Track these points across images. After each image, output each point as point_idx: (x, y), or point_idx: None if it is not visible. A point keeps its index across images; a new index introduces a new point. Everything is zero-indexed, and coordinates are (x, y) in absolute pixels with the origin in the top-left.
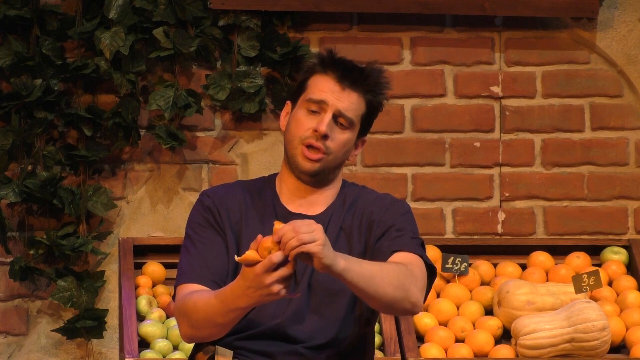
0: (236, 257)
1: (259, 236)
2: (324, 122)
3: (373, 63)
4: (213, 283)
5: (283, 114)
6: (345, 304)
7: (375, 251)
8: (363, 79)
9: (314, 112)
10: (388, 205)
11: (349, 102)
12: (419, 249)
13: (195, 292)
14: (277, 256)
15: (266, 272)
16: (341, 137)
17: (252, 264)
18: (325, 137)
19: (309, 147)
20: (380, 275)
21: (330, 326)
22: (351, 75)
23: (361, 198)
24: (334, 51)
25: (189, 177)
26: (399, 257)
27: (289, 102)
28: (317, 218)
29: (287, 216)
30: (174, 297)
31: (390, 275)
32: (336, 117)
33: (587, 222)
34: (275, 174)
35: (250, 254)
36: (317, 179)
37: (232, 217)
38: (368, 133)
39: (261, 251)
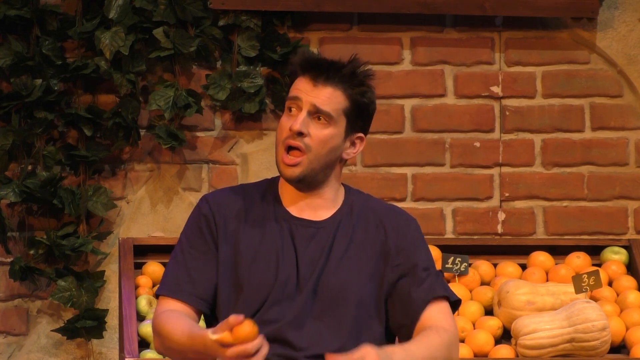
0: (211, 336)
1: (232, 317)
2: (298, 119)
3: (352, 56)
4: (197, 299)
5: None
6: (352, 314)
7: (402, 297)
8: (335, 72)
9: (291, 112)
10: (403, 228)
11: (324, 96)
12: (446, 288)
13: (172, 319)
14: (253, 347)
15: (236, 358)
16: (320, 134)
17: (225, 345)
18: (300, 134)
19: (288, 149)
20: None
21: (333, 335)
22: (324, 71)
23: (370, 210)
24: (308, 52)
25: (189, 177)
26: (433, 311)
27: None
28: (323, 224)
29: (290, 220)
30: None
31: (437, 355)
32: (312, 113)
33: (587, 222)
34: (279, 177)
35: (225, 337)
36: (305, 183)
37: (229, 224)
38: (365, 131)
39: (237, 333)
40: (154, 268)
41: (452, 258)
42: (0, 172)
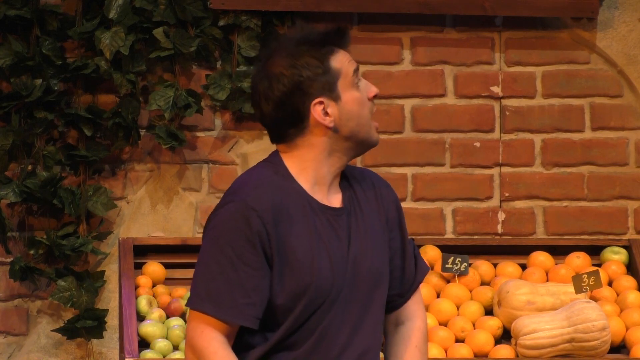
0: None
1: None
2: (372, 85)
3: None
4: (257, 320)
5: (321, 113)
6: (384, 297)
7: (396, 273)
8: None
9: (358, 84)
10: (392, 198)
11: None
12: (424, 264)
13: None
14: None
15: None
16: None
17: None
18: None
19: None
20: None
21: (371, 320)
22: (348, 41)
23: (366, 185)
24: (342, 27)
25: (189, 177)
26: (415, 300)
27: (321, 99)
28: (345, 209)
29: (323, 210)
30: (188, 305)
31: None
32: None
33: (587, 222)
34: (268, 163)
35: None
36: None
37: (280, 230)
38: None
39: None
40: (154, 268)
41: (452, 258)
42: (0, 172)
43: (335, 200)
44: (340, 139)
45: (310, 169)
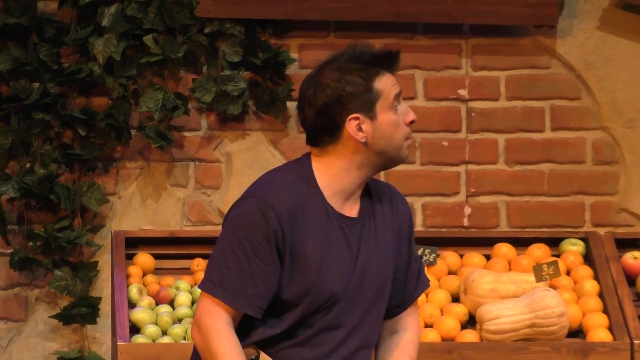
0: None
1: None
2: (410, 110)
3: (393, 49)
4: (262, 311)
5: (354, 128)
6: (384, 306)
7: (397, 285)
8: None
9: (397, 108)
10: (407, 215)
11: None
12: (426, 279)
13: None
14: None
15: None
16: None
17: None
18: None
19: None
20: None
21: (373, 328)
22: (397, 66)
23: (384, 198)
24: (380, 50)
25: (176, 174)
26: (412, 314)
27: (357, 115)
28: (360, 220)
29: (338, 218)
30: (201, 287)
31: None
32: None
33: (547, 216)
34: (296, 164)
35: None
36: None
37: (295, 229)
38: None
39: None
40: (144, 259)
41: (422, 249)
42: (1, 169)
43: (352, 209)
44: (370, 153)
45: (336, 177)
